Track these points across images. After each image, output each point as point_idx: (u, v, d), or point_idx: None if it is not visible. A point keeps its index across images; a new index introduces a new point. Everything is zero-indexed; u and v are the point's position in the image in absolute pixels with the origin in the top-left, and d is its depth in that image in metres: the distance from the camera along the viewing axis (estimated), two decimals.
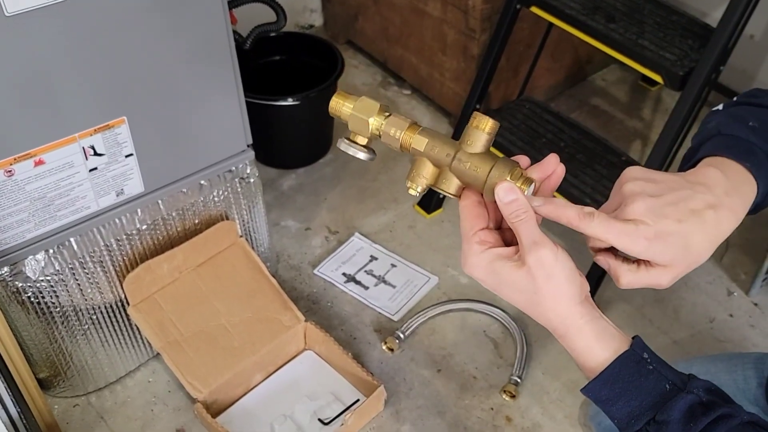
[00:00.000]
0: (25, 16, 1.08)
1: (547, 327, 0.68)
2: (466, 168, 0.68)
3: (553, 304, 0.65)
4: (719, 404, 0.63)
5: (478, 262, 0.68)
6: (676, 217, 0.64)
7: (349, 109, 0.71)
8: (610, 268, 0.68)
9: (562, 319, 0.66)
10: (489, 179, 0.67)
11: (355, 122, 0.71)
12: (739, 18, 1.45)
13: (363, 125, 0.71)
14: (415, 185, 0.71)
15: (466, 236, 0.69)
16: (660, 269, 0.66)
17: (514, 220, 0.66)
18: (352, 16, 2.39)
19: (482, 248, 0.68)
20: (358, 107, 0.71)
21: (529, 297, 0.66)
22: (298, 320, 1.58)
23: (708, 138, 0.74)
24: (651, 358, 0.65)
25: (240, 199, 1.57)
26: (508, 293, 0.67)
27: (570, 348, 0.67)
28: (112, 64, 1.22)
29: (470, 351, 1.68)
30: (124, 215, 1.39)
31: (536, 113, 1.91)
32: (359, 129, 0.72)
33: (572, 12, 1.68)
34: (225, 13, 1.31)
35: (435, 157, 0.69)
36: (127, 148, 1.31)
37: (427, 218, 1.97)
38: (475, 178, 0.68)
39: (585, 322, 0.66)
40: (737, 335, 1.72)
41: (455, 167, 0.68)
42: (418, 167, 0.70)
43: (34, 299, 1.34)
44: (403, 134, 0.70)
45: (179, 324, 1.50)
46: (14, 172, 1.20)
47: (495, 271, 0.67)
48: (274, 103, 1.90)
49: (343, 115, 0.72)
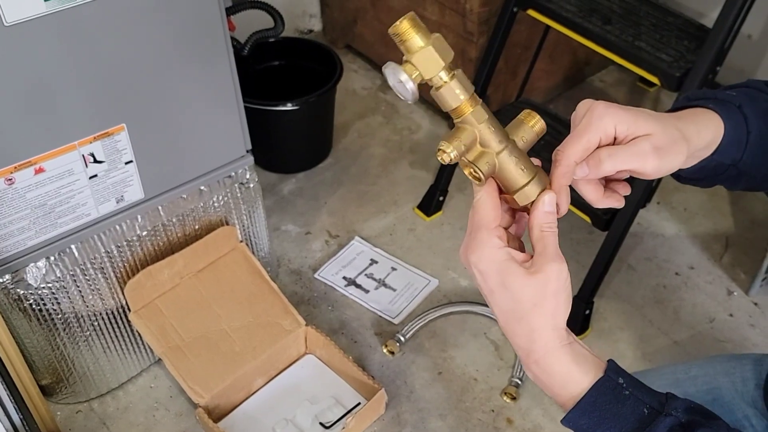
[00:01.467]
0: (24, 25, 1.09)
1: (522, 347, 0.66)
2: (513, 163, 0.65)
3: (544, 322, 0.64)
4: (700, 423, 0.62)
5: (493, 256, 0.65)
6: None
7: (422, 42, 0.61)
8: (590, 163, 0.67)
9: (545, 341, 0.64)
10: (530, 184, 0.65)
11: (423, 59, 0.61)
12: (734, 19, 1.46)
13: (433, 66, 0.61)
14: (450, 150, 0.63)
15: (487, 226, 0.65)
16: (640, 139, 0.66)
17: (546, 230, 0.65)
18: (350, 21, 2.40)
19: (501, 243, 0.65)
20: (438, 45, 0.61)
21: (523, 308, 0.64)
22: (299, 324, 1.58)
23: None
24: (627, 383, 0.64)
25: (240, 204, 1.58)
26: (503, 299, 0.65)
27: (546, 372, 0.65)
28: (111, 72, 1.23)
29: (471, 353, 1.68)
30: (125, 221, 1.39)
31: None
32: (424, 67, 0.61)
33: (568, 14, 1.68)
34: (223, 20, 1.32)
35: (486, 136, 0.64)
36: (127, 154, 1.32)
37: (426, 221, 1.97)
38: (518, 176, 0.65)
39: (564, 345, 0.65)
40: (737, 335, 1.72)
41: (503, 157, 0.64)
42: (461, 135, 0.64)
43: (35, 306, 1.35)
44: (468, 98, 0.63)
45: (180, 329, 1.50)
46: (15, 180, 1.21)
47: (503, 271, 0.64)
48: (274, 108, 1.91)
49: (410, 44, 0.61)
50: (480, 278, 0.66)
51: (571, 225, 1.92)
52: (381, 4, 2.23)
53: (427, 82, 0.63)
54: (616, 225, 1.63)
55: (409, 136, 2.22)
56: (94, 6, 1.14)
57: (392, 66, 0.62)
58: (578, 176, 0.66)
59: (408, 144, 2.19)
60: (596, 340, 1.71)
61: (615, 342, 1.71)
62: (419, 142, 2.20)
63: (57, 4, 1.10)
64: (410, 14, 0.61)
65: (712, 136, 0.70)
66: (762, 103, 0.74)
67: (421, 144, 2.19)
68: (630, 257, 1.88)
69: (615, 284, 1.82)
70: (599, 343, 1.70)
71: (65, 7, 1.11)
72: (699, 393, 1.03)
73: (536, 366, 0.66)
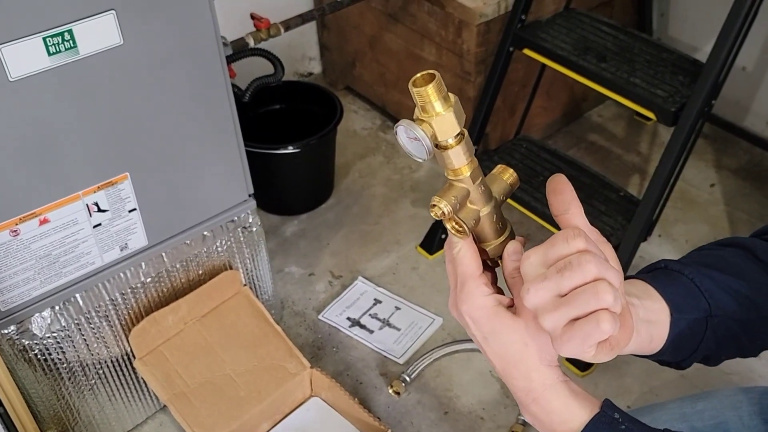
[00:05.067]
0: (29, 79, 1.11)
1: (520, 387, 0.66)
2: (492, 219, 0.67)
3: (537, 362, 0.65)
4: None
5: (484, 304, 0.66)
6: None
7: (443, 107, 0.60)
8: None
9: (543, 378, 0.65)
10: (503, 239, 0.68)
11: (441, 123, 0.60)
12: (727, 53, 1.48)
13: (450, 130, 0.61)
14: (444, 205, 0.63)
15: (472, 275, 0.66)
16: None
17: (516, 276, 0.66)
18: (349, 63, 2.43)
19: (489, 291, 0.67)
20: (458, 111, 0.60)
21: (516, 349, 0.65)
22: (304, 367, 1.58)
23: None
24: (622, 418, 0.64)
25: (243, 248, 1.59)
26: (496, 344, 0.66)
27: (545, 410, 0.66)
28: (114, 122, 1.25)
29: (477, 392, 1.68)
30: (129, 269, 1.40)
31: (533, 152, 1.93)
32: (440, 130, 0.61)
33: (564, 53, 1.71)
34: (224, 69, 1.34)
35: (477, 195, 0.65)
36: (131, 203, 1.33)
37: (429, 259, 1.98)
38: (494, 231, 0.68)
39: (561, 381, 0.66)
40: (743, 367, 1.71)
41: (486, 214, 0.66)
42: (456, 192, 0.64)
43: (40, 356, 1.35)
44: (469, 159, 0.64)
45: (185, 375, 1.50)
46: (20, 231, 1.22)
47: (493, 317, 0.66)
48: (275, 152, 1.93)
49: (430, 107, 0.60)
50: (473, 327, 0.67)
51: None
52: (379, 46, 2.26)
53: (437, 142, 0.62)
54: (619, 256, 1.64)
55: (410, 174, 2.24)
56: (97, 59, 1.16)
57: (407, 123, 0.60)
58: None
59: (409, 183, 2.21)
60: (602, 374, 1.70)
61: (621, 377, 1.70)
62: (420, 181, 2.21)
63: (60, 58, 1.12)
64: (436, 78, 0.59)
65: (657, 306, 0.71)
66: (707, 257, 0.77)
67: (422, 182, 2.21)
68: None
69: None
70: (605, 377, 1.70)
71: (68, 61, 1.13)
72: (706, 427, 1.03)
73: (535, 405, 0.66)
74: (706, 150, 2.30)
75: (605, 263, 0.57)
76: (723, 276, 0.75)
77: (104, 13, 1.13)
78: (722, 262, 0.77)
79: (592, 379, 1.69)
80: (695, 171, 2.22)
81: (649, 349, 0.71)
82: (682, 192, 2.15)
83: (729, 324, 0.75)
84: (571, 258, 0.56)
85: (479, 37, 1.92)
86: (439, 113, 0.60)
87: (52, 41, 1.10)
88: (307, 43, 2.54)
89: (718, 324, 0.74)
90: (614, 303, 0.55)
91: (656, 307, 0.71)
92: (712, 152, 2.30)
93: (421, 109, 0.61)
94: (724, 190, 2.18)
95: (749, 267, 0.77)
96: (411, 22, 2.09)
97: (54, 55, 1.11)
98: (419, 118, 0.61)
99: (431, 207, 0.64)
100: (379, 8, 2.17)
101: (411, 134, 0.61)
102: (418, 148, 0.61)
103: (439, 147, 0.63)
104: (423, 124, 0.61)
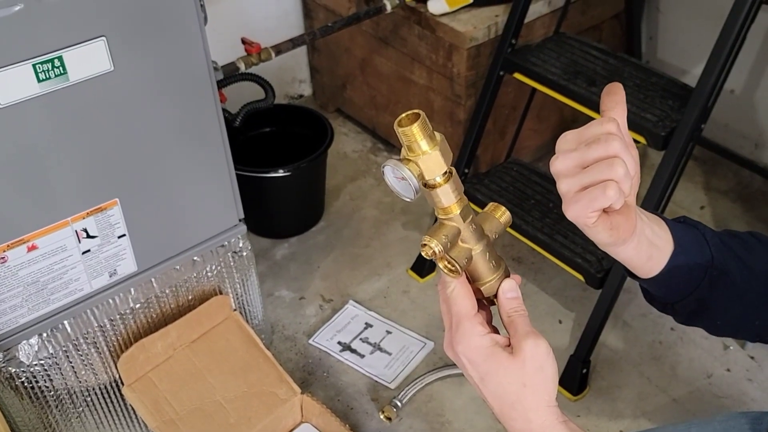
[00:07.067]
0: (18, 106, 1.10)
1: (519, 430, 0.66)
2: (486, 257, 0.67)
3: (536, 402, 0.65)
4: None
5: (480, 344, 0.66)
6: None
7: (428, 146, 0.60)
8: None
9: (542, 419, 0.65)
10: (497, 277, 0.68)
11: (428, 162, 0.61)
12: (717, 78, 1.49)
13: (437, 169, 0.61)
14: (435, 245, 0.63)
15: (467, 315, 0.67)
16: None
17: (513, 315, 0.66)
18: (340, 86, 2.44)
19: (485, 330, 0.67)
20: (444, 149, 0.61)
21: (514, 390, 0.65)
22: (294, 393, 1.57)
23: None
24: None
25: (233, 272, 1.57)
26: (494, 384, 0.66)
27: None
28: (104, 148, 1.24)
29: (468, 416, 1.66)
30: (118, 295, 1.39)
31: (524, 175, 1.93)
32: (427, 169, 0.61)
33: (554, 77, 1.72)
34: (214, 93, 1.34)
35: (468, 234, 0.65)
36: (120, 229, 1.32)
37: (421, 283, 1.97)
38: (488, 270, 0.68)
39: (560, 422, 0.65)
40: (735, 390, 1.71)
41: (478, 252, 0.66)
42: (446, 231, 0.64)
43: (27, 384, 1.33)
44: (458, 197, 0.64)
45: (174, 402, 1.49)
46: (7, 258, 1.20)
47: (489, 357, 0.66)
48: (266, 175, 1.93)
49: (416, 146, 0.60)
50: (470, 367, 0.67)
51: (565, 283, 1.92)
52: (369, 69, 2.27)
53: (424, 181, 0.63)
54: (610, 282, 1.64)
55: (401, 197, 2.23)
56: (87, 86, 1.16)
57: (393, 163, 0.61)
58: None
59: (400, 205, 2.20)
60: (595, 399, 1.69)
61: (614, 401, 1.69)
62: (411, 204, 2.21)
63: (50, 84, 1.12)
64: (420, 117, 0.59)
65: (663, 233, 0.73)
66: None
67: (412, 205, 2.20)
68: (625, 314, 1.88)
69: (611, 341, 1.81)
70: (598, 402, 1.69)
71: (58, 87, 1.13)
72: None
73: None
74: (696, 172, 2.31)
75: (627, 149, 0.60)
76: (733, 241, 0.78)
77: (95, 39, 1.13)
78: (737, 237, 0.80)
79: (585, 404, 1.69)
80: (685, 193, 2.23)
81: (646, 268, 0.72)
82: (673, 214, 2.14)
83: (726, 282, 0.76)
84: (600, 135, 0.61)
85: (469, 61, 1.93)
86: (425, 152, 0.60)
87: (42, 68, 1.10)
88: (298, 65, 2.54)
89: (717, 279, 0.75)
90: (624, 177, 0.59)
91: (663, 236, 0.72)
92: (702, 174, 2.31)
93: (407, 149, 0.61)
94: (714, 212, 2.19)
95: (761, 249, 0.79)
96: (401, 45, 2.10)
97: (44, 82, 1.11)
98: (406, 158, 0.61)
99: (422, 246, 0.64)
100: (369, 31, 2.18)
101: (398, 174, 0.61)
102: (406, 188, 0.62)
103: (426, 186, 0.63)
104: (409, 164, 0.61)
